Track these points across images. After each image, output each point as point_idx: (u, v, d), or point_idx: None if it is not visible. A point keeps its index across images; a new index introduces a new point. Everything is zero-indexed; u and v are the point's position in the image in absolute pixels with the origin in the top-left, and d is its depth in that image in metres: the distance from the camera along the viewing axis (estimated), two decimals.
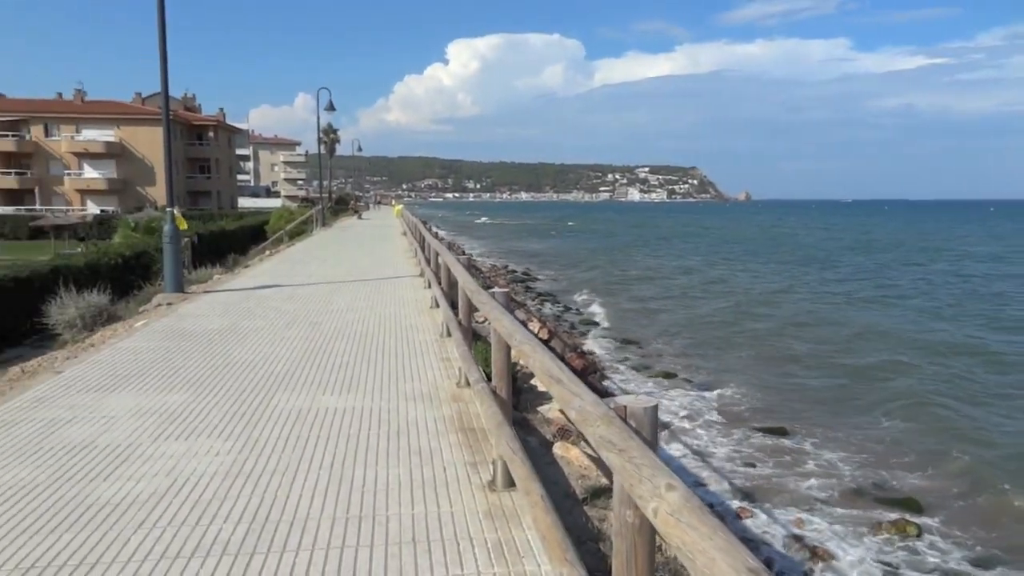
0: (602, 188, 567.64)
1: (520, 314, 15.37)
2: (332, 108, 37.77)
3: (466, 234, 68.99)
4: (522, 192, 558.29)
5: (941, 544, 7.90)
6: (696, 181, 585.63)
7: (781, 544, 7.67)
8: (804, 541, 7.71)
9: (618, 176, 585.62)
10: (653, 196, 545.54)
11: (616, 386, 13.81)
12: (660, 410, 2.39)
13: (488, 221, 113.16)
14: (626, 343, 18.54)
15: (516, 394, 6.47)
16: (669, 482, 1.84)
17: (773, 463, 10.14)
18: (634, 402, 2.30)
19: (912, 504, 8.80)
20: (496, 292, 5.60)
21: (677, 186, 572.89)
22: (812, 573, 7.18)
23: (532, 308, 21.08)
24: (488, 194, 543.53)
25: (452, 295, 9.30)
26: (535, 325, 14.85)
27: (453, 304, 8.71)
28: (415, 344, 8.77)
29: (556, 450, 5.69)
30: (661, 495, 1.81)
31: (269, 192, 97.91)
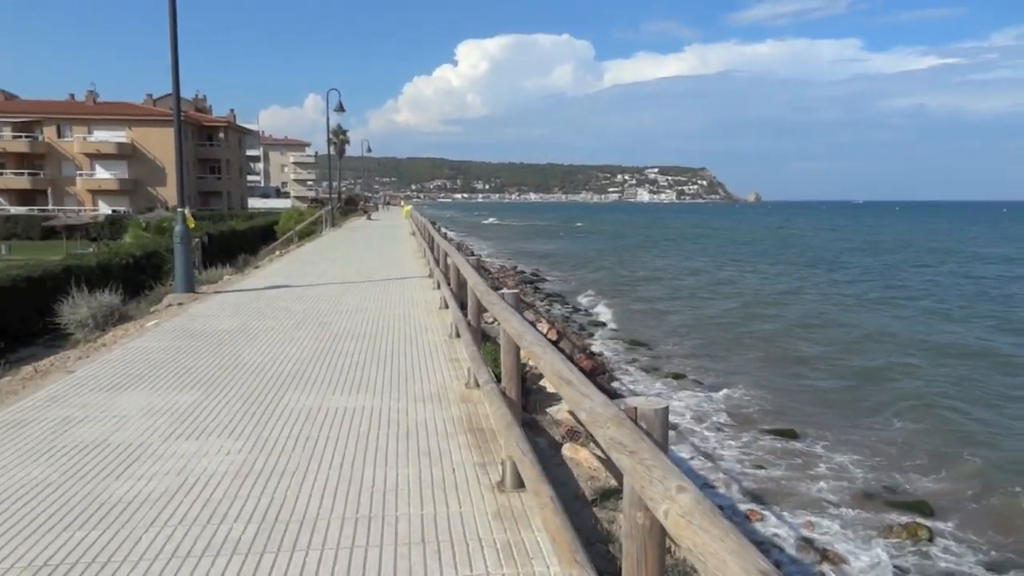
0: (611, 189, 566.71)
1: (529, 315, 15.37)
2: (342, 109, 37.87)
3: (474, 235, 69.05)
4: (531, 193, 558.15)
5: (953, 547, 7.84)
6: (705, 182, 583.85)
7: (791, 547, 7.63)
8: (814, 544, 7.68)
9: (627, 177, 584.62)
10: (662, 197, 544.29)
11: (625, 387, 13.79)
12: (669, 412, 2.38)
13: (496, 222, 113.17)
14: (634, 344, 18.51)
15: (525, 395, 6.46)
16: (680, 484, 1.83)
17: (783, 465, 10.10)
18: (645, 404, 2.29)
19: (923, 507, 8.74)
20: (506, 293, 5.60)
21: (686, 187, 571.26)
22: None
23: (541, 309, 21.08)
24: (497, 195, 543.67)
25: (461, 296, 9.31)
26: (544, 326, 14.84)
27: (462, 305, 8.72)
28: (424, 345, 8.78)
29: (565, 451, 5.69)
30: (672, 497, 1.81)
31: (279, 193, 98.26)
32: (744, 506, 8.60)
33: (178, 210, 13.33)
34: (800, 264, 42.16)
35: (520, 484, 4.30)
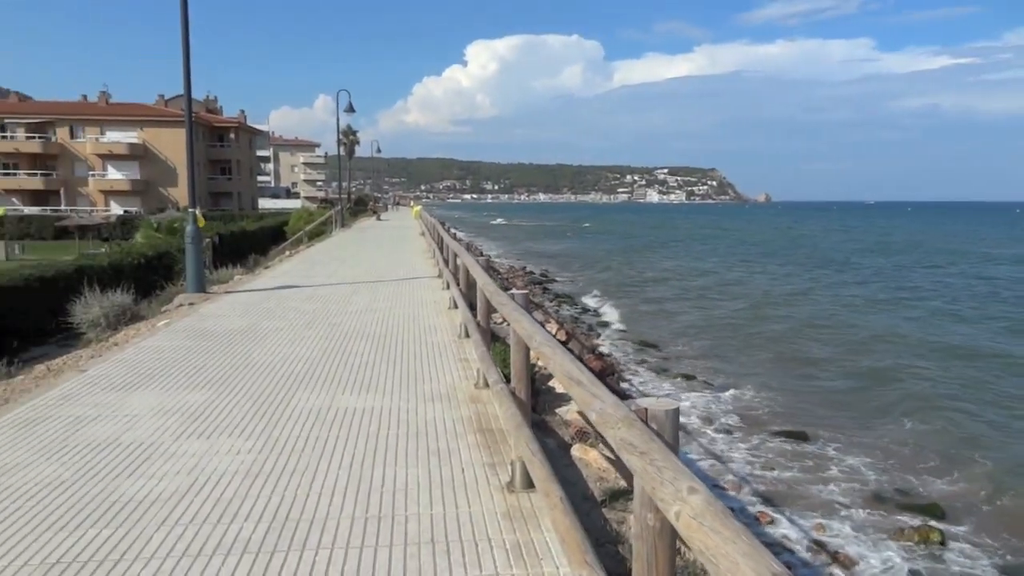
0: (620, 189, 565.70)
1: (538, 315, 15.36)
2: (351, 110, 37.98)
3: (483, 235, 69.08)
4: (540, 193, 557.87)
5: (965, 550, 7.78)
6: (715, 182, 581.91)
7: (802, 549, 7.59)
8: (826, 547, 7.63)
9: (636, 177, 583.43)
10: (672, 198, 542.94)
11: (634, 388, 13.76)
12: (679, 413, 2.37)
13: (504, 222, 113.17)
14: (643, 345, 18.47)
15: (534, 396, 6.46)
16: (691, 485, 1.83)
17: (793, 467, 10.05)
18: (655, 404, 2.29)
19: (935, 510, 8.68)
20: (516, 294, 5.60)
21: (696, 187, 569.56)
22: None
23: (550, 310, 21.06)
24: (506, 195, 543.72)
25: (470, 296, 9.31)
26: (553, 326, 14.84)
27: (471, 305, 8.72)
28: (433, 345, 8.80)
29: (574, 452, 5.68)
30: (683, 498, 1.80)
31: (289, 193, 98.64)
32: (754, 508, 8.57)
33: (189, 210, 13.41)
34: (810, 265, 41.96)
35: (530, 484, 4.30)
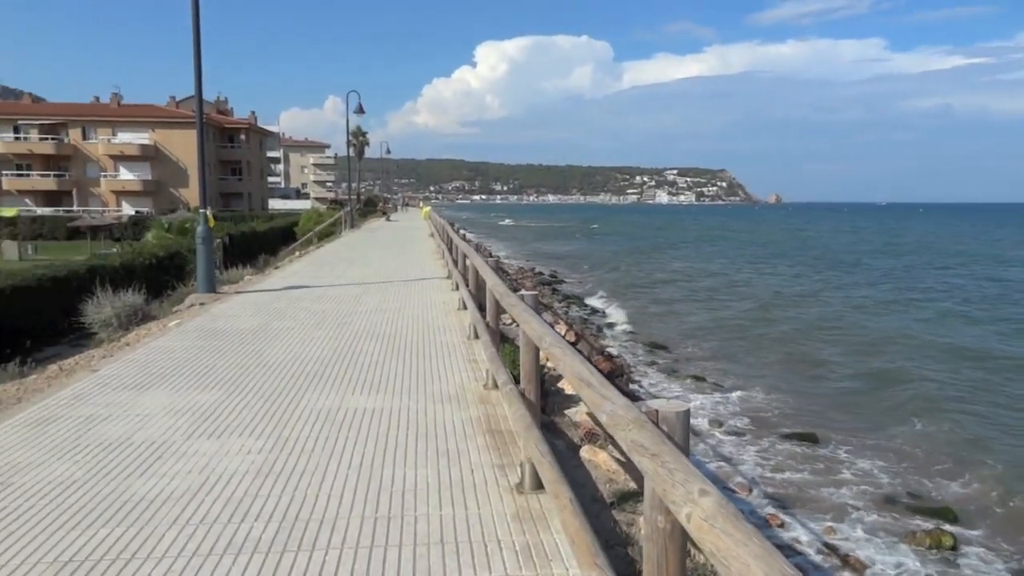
0: (630, 191, 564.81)
1: (547, 316, 15.36)
2: (361, 111, 38.08)
3: (491, 236, 69.08)
4: (549, 194, 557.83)
5: (977, 554, 7.72)
6: (725, 183, 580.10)
7: (813, 552, 7.55)
8: (836, 550, 7.59)
9: (646, 178, 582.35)
10: (682, 199, 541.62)
11: (643, 390, 13.73)
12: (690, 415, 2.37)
13: (512, 223, 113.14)
14: (652, 346, 18.43)
15: (543, 397, 6.46)
16: (703, 487, 1.82)
17: (803, 469, 10.00)
18: (666, 406, 2.28)
19: (947, 513, 8.62)
20: (525, 294, 5.59)
21: (706, 188, 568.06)
22: None
23: (559, 311, 21.05)
24: (515, 196, 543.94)
25: (480, 297, 9.32)
26: (562, 328, 14.83)
27: (480, 306, 8.72)
28: (443, 346, 8.80)
29: (584, 454, 5.67)
30: (695, 500, 1.80)
31: (299, 194, 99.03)
32: (764, 510, 8.53)
33: (200, 211, 13.48)
34: (819, 266, 41.75)
35: (539, 486, 4.29)
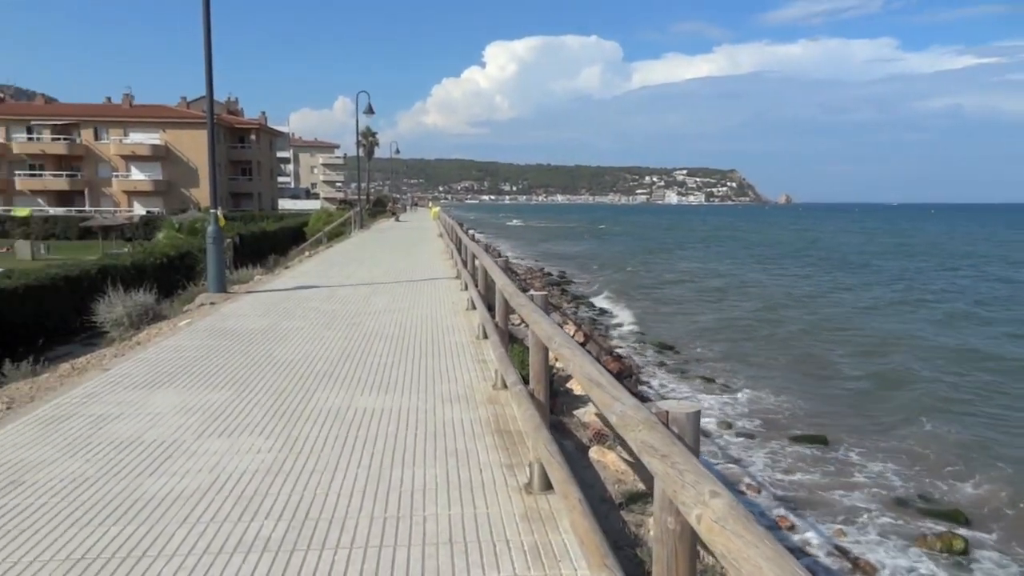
0: (639, 191, 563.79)
1: (556, 317, 15.35)
2: (371, 111, 38.19)
3: (499, 236, 69.10)
4: (558, 194, 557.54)
5: (990, 558, 7.66)
6: (735, 184, 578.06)
7: (822, 555, 7.51)
8: (846, 552, 7.55)
9: (655, 179, 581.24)
10: (691, 199, 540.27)
11: (652, 390, 13.69)
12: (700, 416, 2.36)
13: (520, 224, 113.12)
14: (660, 347, 18.38)
15: (551, 397, 6.45)
16: (713, 489, 1.81)
17: (812, 471, 9.95)
18: (676, 407, 2.28)
19: (958, 516, 8.55)
20: (534, 295, 5.59)
21: (716, 189, 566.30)
22: None
23: (568, 311, 21.03)
24: (524, 196, 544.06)
25: (489, 298, 9.33)
26: (570, 328, 14.82)
27: (489, 306, 8.73)
28: (451, 346, 8.81)
29: (592, 454, 5.67)
30: (705, 502, 1.79)
31: (308, 194, 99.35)
32: (774, 512, 8.49)
33: (210, 211, 13.54)
34: (828, 267, 41.55)
35: (548, 486, 4.29)
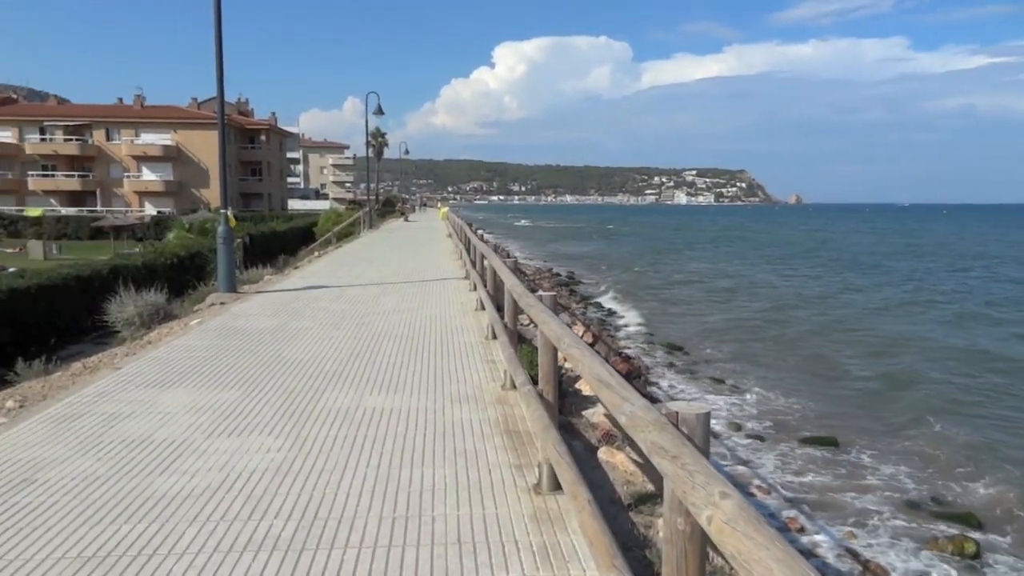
0: (648, 191, 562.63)
1: (564, 317, 15.32)
2: (380, 112, 38.26)
3: (508, 237, 69.10)
4: (567, 195, 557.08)
5: (1003, 562, 7.59)
6: (745, 184, 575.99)
7: (832, 557, 7.47)
8: (856, 555, 7.50)
9: (664, 179, 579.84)
10: (700, 199, 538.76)
11: (662, 391, 13.65)
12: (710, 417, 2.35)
13: (529, 224, 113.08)
14: (669, 347, 18.32)
15: (560, 397, 6.44)
16: (723, 490, 1.81)
17: (823, 473, 9.90)
18: (686, 408, 2.27)
19: (970, 519, 8.49)
20: (543, 295, 5.58)
21: (725, 189, 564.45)
22: None
23: (576, 311, 21.01)
24: (533, 197, 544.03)
25: (497, 298, 9.32)
26: (579, 329, 14.79)
27: (498, 307, 8.72)
28: (460, 346, 8.82)
29: (601, 455, 5.65)
30: (715, 503, 1.78)
31: (318, 194, 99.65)
32: (784, 514, 8.45)
33: (221, 211, 13.60)
34: (838, 268, 41.34)
35: (557, 486, 4.29)
